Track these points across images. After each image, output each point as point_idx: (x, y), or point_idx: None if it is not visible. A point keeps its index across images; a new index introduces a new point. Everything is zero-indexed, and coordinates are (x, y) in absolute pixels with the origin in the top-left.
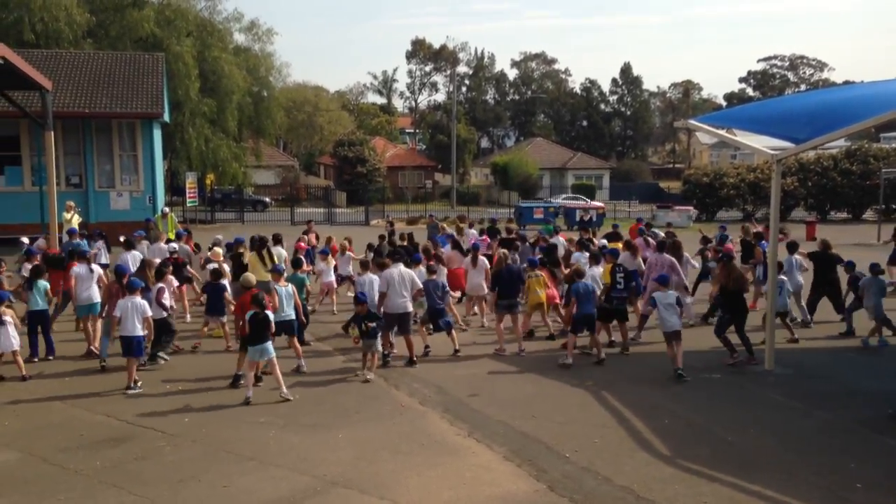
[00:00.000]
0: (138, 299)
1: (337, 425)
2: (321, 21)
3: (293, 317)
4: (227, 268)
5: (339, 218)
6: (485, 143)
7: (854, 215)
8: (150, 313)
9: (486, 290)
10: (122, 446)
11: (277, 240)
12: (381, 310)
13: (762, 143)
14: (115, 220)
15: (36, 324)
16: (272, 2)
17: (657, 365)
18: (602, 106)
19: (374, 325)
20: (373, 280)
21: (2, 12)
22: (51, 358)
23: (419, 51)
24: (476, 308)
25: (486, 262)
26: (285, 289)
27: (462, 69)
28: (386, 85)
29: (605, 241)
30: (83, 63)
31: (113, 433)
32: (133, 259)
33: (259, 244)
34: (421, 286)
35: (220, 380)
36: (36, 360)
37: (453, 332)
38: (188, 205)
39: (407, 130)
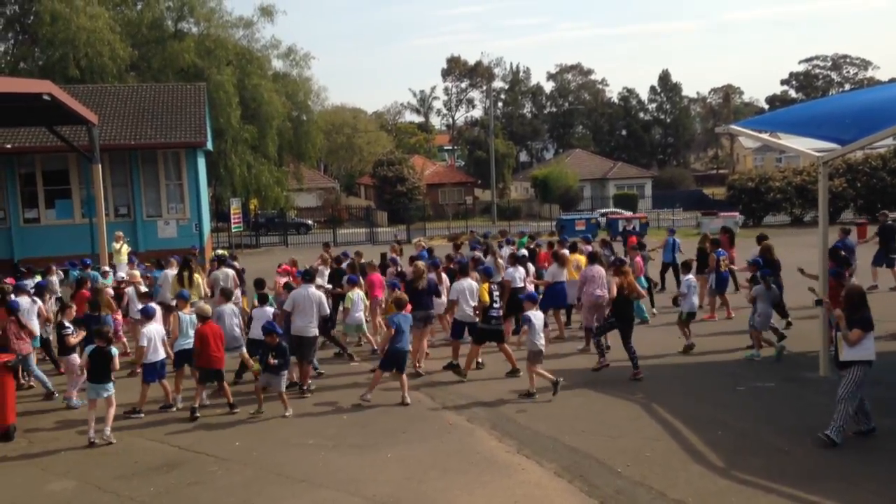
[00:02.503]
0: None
1: (385, 445)
2: (356, 44)
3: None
4: (142, 289)
5: (380, 237)
6: (523, 156)
7: None
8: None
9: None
10: (175, 472)
11: (222, 261)
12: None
13: (807, 146)
14: (163, 247)
15: None
16: (308, 27)
17: (706, 376)
18: (641, 114)
19: (276, 361)
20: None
21: (48, 49)
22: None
23: (454, 68)
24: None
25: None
26: (189, 316)
27: (498, 84)
28: (423, 103)
29: (524, 252)
30: (127, 96)
31: (166, 459)
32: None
33: (182, 264)
34: (328, 312)
35: (267, 402)
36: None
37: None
38: (233, 230)
39: (445, 147)
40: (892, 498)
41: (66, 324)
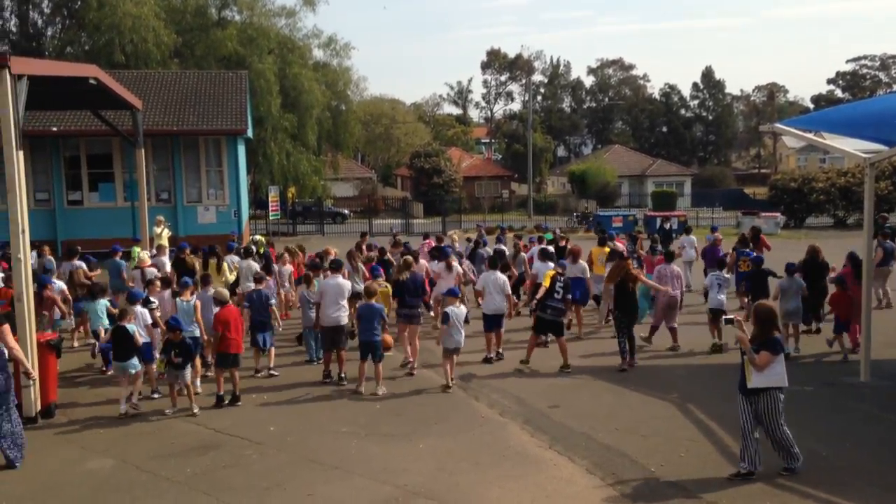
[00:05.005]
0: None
1: (417, 436)
2: (396, 35)
3: (195, 334)
4: (156, 273)
5: (416, 228)
6: (561, 151)
7: None
8: (149, 321)
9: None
10: (210, 454)
11: (248, 252)
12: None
13: (853, 146)
14: (203, 233)
15: None
16: (349, 17)
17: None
18: (682, 111)
19: (180, 359)
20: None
21: (94, 35)
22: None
23: (494, 61)
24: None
25: (460, 269)
26: (187, 303)
27: (537, 78)
28: (462, 95)
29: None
30: (170, 82)
31: (202, 441)
32: None
33: (208, 254)
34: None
35: (302, 388)
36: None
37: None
38: (271, 218)
39: (483, 140)
40: None
41: (152, 299)
